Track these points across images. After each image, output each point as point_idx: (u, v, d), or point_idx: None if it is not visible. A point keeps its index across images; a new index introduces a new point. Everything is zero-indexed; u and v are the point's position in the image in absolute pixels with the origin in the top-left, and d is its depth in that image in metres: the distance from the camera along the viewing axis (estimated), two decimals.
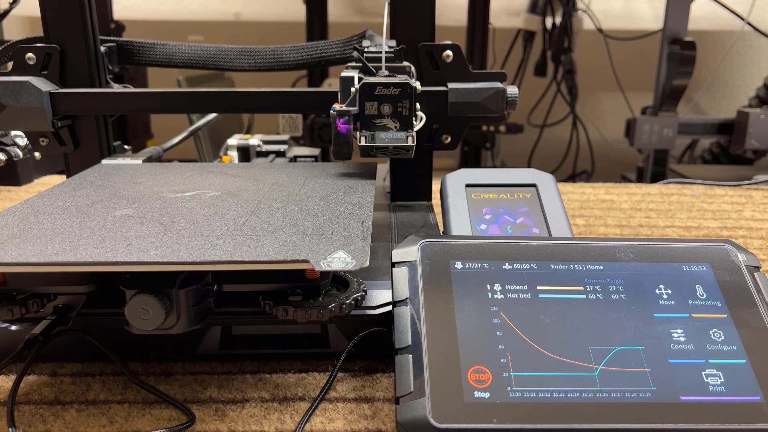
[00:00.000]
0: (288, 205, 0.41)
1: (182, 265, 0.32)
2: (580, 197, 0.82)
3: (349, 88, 0.47)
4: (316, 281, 0.37)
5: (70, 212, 0.39)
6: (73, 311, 0.38)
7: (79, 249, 0.32)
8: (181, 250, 0.32)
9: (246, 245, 0.33)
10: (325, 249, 0.32)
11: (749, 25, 1.42)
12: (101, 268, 0.33)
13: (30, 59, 0.55)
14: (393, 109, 0.47)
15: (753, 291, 0.34)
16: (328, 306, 0.35)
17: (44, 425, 0.34)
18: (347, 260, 0.31)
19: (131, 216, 0.38)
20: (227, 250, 0.32)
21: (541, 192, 0.48)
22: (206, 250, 0.32)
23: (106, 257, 0.31)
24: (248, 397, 0.37)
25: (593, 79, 1.88)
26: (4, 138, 0.77)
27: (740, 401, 0.30)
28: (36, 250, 0.32)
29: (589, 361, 0.31)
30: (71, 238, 0.34)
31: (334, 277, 0.39)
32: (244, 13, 1.84)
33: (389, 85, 0.47)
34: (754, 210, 0.77)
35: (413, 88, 0.47)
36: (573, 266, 0.35)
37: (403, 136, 0.47)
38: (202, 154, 1.17)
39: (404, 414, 0.29)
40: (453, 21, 1.75)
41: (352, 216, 0.38)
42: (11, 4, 0.90)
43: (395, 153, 0.48)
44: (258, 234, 0.35)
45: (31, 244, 0.33)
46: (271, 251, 0.32)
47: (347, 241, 0.33)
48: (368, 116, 0.48)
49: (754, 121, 1.19)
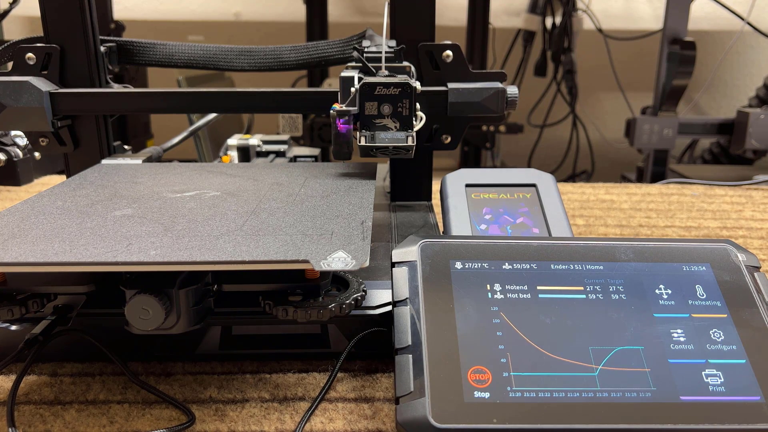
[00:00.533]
0: (288, 205, 0.41)
1: (182, 265, 0.32)
2: (580, 197, 0.82)
3: (349, 88, 0.47)
4: (316, 281, 0.37)
5: (70, 212, 0.39)
6: (73, 311, 0.38)
7: (79, 249, 0.32)
8: (181, 250, 0.32)
9: (246, 245, 0.33)
10: (325, 249, 0.32)
11: (749, 25, 1.42)
12: (101, 268, 0.33)
13: (30, 59, 0.55)
14: (393, 109, 0.47)
15: (753, 291, 0.34)
16: (328, 306, 0.35)
17: (44, 425, 0.34)
18: (347, 260, 0.31)
19: (131, 216, 0.38)
20: (227, 250, 0.32)
21: (541, 192, 0.48)
22: (206, 250, 0.32)
23: (106, 257, 0.31)
24: (248, 397, 0.37)
25: (593, 79, 1.88)
26: (4, 138, 0.77)
27: (740, 401, 0.30)
28: (36, 250, 0.32)
29: (589, 361, 0.31)
30: (71, 238, 0.34)
31: (334, 277, 0.39)
32: (244, 13, 1.84)
33: (389, 85, 0.47)
34: (754, 210, 0.77)
35: (413, 88, 0.47)
36: (573, 266, 0.35)
37: (403, 136, 0.47)
38: (202, 154, 1.17)
39: (404, 414, 0.29)
40: (453, 21, 1.76)
41: (352, 216, 0.38)
42: (11, 4, 0.90)
43: (395, 153, 0.48)
44: (258, 234, 0.35)
45: (31, 244, 0.33)
46: (271, 251, 0.32)
47: (347, 241, 0.33)
48: (368, 116, 0.48)
49: (754, 121, 1.19)
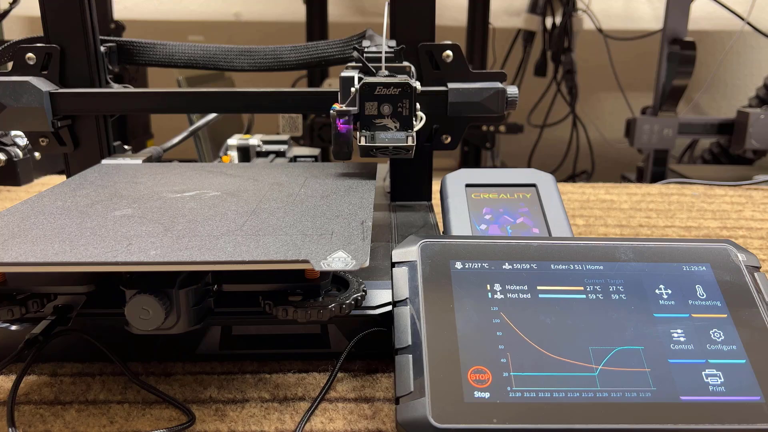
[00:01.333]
0: (288, 205, 0.40)
1: (182, 265, 0.32)
2: (580, 197, 0.82)
3: (349, 88, 0.47)
4: (316, 281, 0.36)
5: (70, 212, 0.39)
6: (73, 311, 0.38)
7: (80, 249, 0.32)
8: (181, 250, 0.32)
9: (246, 245, 0.33)
10: (325, 249, 0.32)
11: (749, 25, 1.42)
12: (101, 268, 0.33)
13: (30, 59, 0.55)
14: (393, 109, 0.47)
15: (753, 291, 0.34)
16: (328, 306, 0.35)
17: (44, 425, 0.34)
18: (347, 260, 0.31)
19: (131, 216, 0.38)
20: (227, 250, 0.32)
21: (541, 192, 0.48)
22: (206, 250, 0.32)
23: (106, 257, 0.31)
24: (248, 397, 0.37)
25: (593, 79, 1.88)
26: (4, 138, 0.77)
27: (740, 401, 0.30)
28: (36, 250, 0.32)
29: (589, 361, 0.31)
30: (71, 238, 0.34)
31: (334, 277, 0.39)
32: (244, 13, 1.84)
33: (389, 85, 0.47)
34: (754, 210, 0.77)
35: (413, 88, 0.47)
36: (573, 266, 0.35)
37: (403, 136, 0.47)
38: (202, 154, 1.17)
39: (404, 414, 0.29)
40: (453, 21, 1.76)
41: (352, 216, 0.38)
42: (11, 4, 0.90)
43: (395, 153, 0.48)
44: (258, 234, 0.35)
45: (31, 244, 0.33)
46: (271, 251, 0.32)
47: (347, 241, 0.33)
48: (368, 116, 0.48)
49: (754, 121, 1.19)
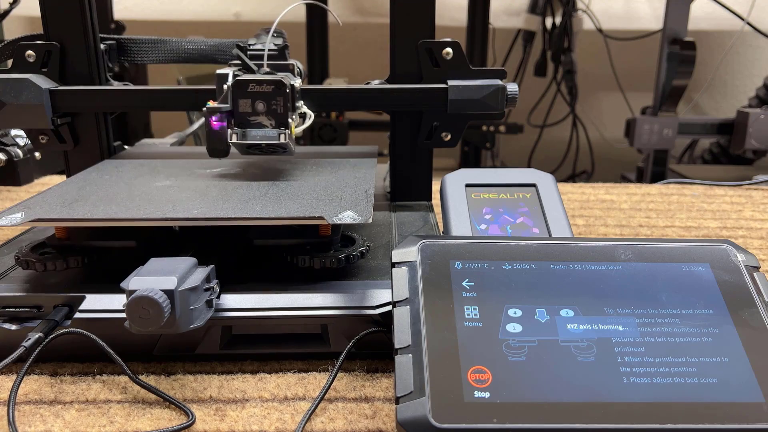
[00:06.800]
0: (303, 178, 0.49)
1: (221, 221, 0.38)
2: (580, 197, 0.82)
3: (223, 86, 0.47)
4: (328, 237, 0.43)
5: (118, 183, 0.47)
6: (73, 311, 0.38)
7: (133, 210, 0.40)
8: (218, 210, 0.39)
9: (271, 206, 0.41)
10: (336, 209, 0.40)
11: (749, 25, 1.42)
12: (154, 223, 0.39)
13: (30, 56, 0.55)
14: (267, 106, 0.47)
15: (752, 291, 0.34)
16: (339, 256, 0.41)
17: (44, 425, 0.34)
18: (354, 216, 0.39)
19: (171, 186, 0.46)
20: (256, 210, 0.40)
21: (541, 192, 0.48)
22: (239, 210, 0.39)
23: (157, 215, 0.39)
24: (248, 397, 0.37)
25: (593, 79, 1.88)
26: (4, 138, 0.77)
27: (740, 401, 0.30)
28: (98, 210, 0.40)
29: None
30: (125, 202, 0.41)
31: (343, 237, 0.46)
32: (244, 13, 1.84)
33: (262, 82, 0.46)
34: (754, 210, 0.77)
35: (289, 86, 0.47)
36: (573, 266, 0.35)
37: (275, 134, 0.47)
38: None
39: (404, 414, 0.29)
40: (453, 21, 1.76)
41: (357, 186, 0.46)
42: (11, 4, 0.90)
43: (271, 151, 0.49)
44: (280, 199, 0.42)
45: (92, 206, 0.41)
46: (292, 210, 0.40)
47: (354, 204, 0.41)
48: (242, 113, 0.47)
49: (754, 121, 1.19)
